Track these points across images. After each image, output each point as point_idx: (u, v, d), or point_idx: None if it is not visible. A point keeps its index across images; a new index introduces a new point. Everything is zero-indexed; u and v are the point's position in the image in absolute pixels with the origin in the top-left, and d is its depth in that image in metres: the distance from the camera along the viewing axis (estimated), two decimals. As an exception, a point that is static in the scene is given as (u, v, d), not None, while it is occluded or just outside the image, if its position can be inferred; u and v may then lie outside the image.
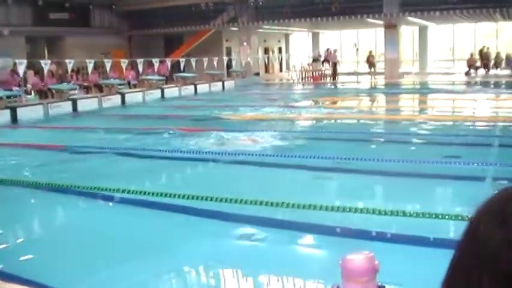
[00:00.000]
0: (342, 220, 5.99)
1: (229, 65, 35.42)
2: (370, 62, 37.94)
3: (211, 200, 6.56)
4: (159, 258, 5.19)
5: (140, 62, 25.51)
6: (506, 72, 34.97)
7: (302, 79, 32.52)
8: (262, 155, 9.61)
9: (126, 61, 25.89)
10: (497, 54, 37.00)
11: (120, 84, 24.70)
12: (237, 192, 6.91)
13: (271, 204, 6.27)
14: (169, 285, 4.89)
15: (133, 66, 26.38)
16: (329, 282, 2.34)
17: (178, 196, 6.90)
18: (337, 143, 10.83)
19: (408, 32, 42.68)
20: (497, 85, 27.96)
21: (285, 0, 32.33)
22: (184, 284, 4.89)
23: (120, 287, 4.71)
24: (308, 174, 8.49)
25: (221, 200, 6.51)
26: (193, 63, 28.34)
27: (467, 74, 34.28)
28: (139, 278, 4.79)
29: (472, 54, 36.41)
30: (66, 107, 19.69)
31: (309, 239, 5.65)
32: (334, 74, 34.21)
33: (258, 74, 36.99)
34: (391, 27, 32.50)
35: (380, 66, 37.20)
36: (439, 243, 5.15)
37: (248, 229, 5.83)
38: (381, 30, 34.76)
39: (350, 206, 6.14)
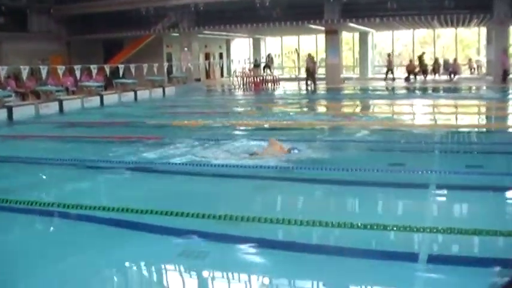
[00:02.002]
0: (286, 232, 5.85)
1: (169, 71, 35.10)
2: (309, 67, 38.15)
3: (150, 213, 6.31)
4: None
5: (78, 68, 24.99)
6: (444, 77, 35.71)
7: (243, 85, 32.41)
8: (205, 164, 9.41)
9: (64, 67, 25.32)
10: (436, 60, 37.75)
11: (58, 91, 24.12)
12: (179, 204, 6.68)
13: (214, 217, 6.06)
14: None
15: (71, 72, 25.80)
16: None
17: (113, 209, 6.61)
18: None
19: (349, 37, 43.22)
20: (436, 90, 28.44)
21: (226, 5, 32.18)
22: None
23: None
24: (250, 184, 8.33)
25: (161, 213, 6.25)
26: (133, 69, 27.92)
27: (406, 79, 34.79)
28: None
29: (411, 61, 36.98)
30: (0, 114, 19.05)
31: (253, 252, 5.47)
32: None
33: (199, 79, 36.77)
34: (332, 33, 32.75)
35: (321, 72, 37.46)
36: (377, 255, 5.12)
37: (191, 244, 5.61)
38: (322, 36, 35.01)
39: (291, 218, 5.97)
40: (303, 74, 39.32)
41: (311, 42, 45.34)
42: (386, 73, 35.61)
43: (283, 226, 5.86)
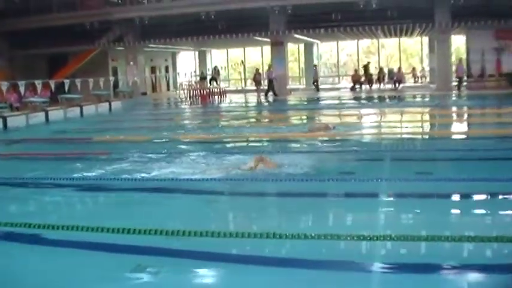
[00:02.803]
0: (239, 246, 5.81)
1: (115, 85, 34.74)
2: (257, 79, 38.19)
3: (96, 230, 6.18)
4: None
5: (22, 83, 24.53)
6: (389, 86, 36.27)
7: (190, 98, 32.27)
8: (154, 179, 9.30)
9: (7, 83, 24.82)
10: (380, 70, 38.33)
11: (1, 107, 23.59)
12: (128, 221, 6.57)
13: (166, 233, 5.96)
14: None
15: (15, 88, 25.28)
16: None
17: (53, 227, 6.44)
18: (224, 162, 10.60)
19: (294, 48, 43.58)
20: (382, 99, 28.84)
21: (171, 18, 32.09)
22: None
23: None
24: (199, 198, 8.26)
25: (107, 231, 6.12)
26: (79, 84, 27.50)
27: (352, 89, 35.21)
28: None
29: (356, 70, 37.45)
30: None
31: (204, 268, 5.42)
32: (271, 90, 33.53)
33: (145, 93, 36.50)
34: (277, 44, 32.95)
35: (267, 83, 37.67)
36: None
37: (142, 260, 5.51)
38: (268, 48, 35.20)
39: (244, 231, 5.92)
40: (250, 86, 39.49)
41: (257, 54, 45.55)
42: (313, 83, 35.84)
43: (236, 240, 5.82)
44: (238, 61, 45.03)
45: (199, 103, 30.50)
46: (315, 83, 35.66)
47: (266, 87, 33.30)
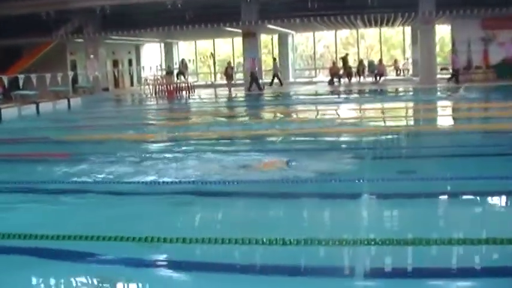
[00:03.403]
0: (202, 252, 5.78)
1: (75, 81, 34.44)
2: (228, 73, 38.13)
3: (62, 238, 6.10)
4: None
5: (-29, 79, 24.27)
6: (370, 80, 36.44)
7: (156, 93, 32.14)
8: (117, 182, 9.22)
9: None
10: (360, 62, 38.47)
11: (-51, 106, 23.33)
12: (92, 227, 6.49)
13: (121, 238, 5.89)
14: None
15: (-36, 84, 25.01)
16: None
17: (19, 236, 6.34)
18: (193, 162, 10.55)
19: (268, 40, 43.59)
20: (362, 93, 28.97)
21: (134, 8, 31.88)
22: None
23: None
24: (164, 201, 8.19)
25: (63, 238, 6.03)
26: (35, 80, 27.23)
27: (330, 83, 35.30)
28: None
29: (334, 63, 37.58)
30: None
31: (175, 275, 5.38)
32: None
33: (107, 89, 36.25)
34: (249, 36, 32.91)
35: (239, 77, 37.64)
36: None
37: (108, 270, 5.46)
38: (239, 39, 35.15)
39: (217, 237, 5.88)
40: (220, 80, 39.48)
41: (227, 46, 45.52)
42: (273, 78, 35.77)
43: (204, 245, 5.78)
44: (208, 54, 44.93)
45: (165, 99, 30.39)
46: (275, 78, 35.54)
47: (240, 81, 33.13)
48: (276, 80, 34.77)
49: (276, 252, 5.48)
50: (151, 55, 45.09)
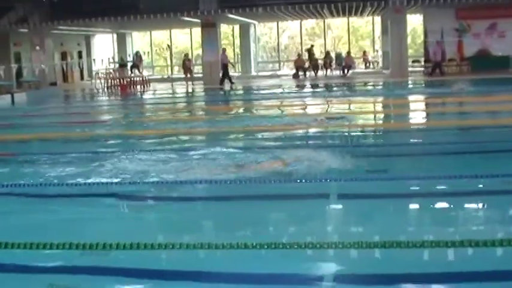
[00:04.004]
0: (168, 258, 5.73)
1: (19, 74, 34.04)
2: (186, 66, 38.02)
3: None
4: None
5: None
6: (337, 73, 36.60)
7: (108, 88, 31.89)
8: (66, 184, 9.11)
9: None
10: (327, 54, 38.54)
11: None
12: (36, 233, 6.40)
13: (82, 246, 5.80)
14: None
15: None
16: None
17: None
18: (145, 163, 10.48)
19: (228, 30, 43.54)
20: (329, 87, 29.04)
21: (84, -4, 31.64)
22: None
23: None
24: (119, 205, 8.14)
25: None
26: (-26, 73, 26.93)
27: (295, 76, 35.38)
28: None
29: (299, 55, 37.67)
30: None
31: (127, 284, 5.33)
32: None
33: (55, 83, 35.84)
34: (209, 26, 32.81)
35: (198, 71, 37.53)
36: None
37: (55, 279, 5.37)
38: (198, 30, 35.06)
39: (174, 242, 5.83)
40: (177, 74, 39.34)
41: (185, 37, 45.38)
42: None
43: (164, 251, 5.73)
44: (164, 45, 44.76)
45: (118, 94, 30.19)
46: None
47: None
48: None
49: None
50: (103, 47, 44.73)
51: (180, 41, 47.95)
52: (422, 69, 33.75)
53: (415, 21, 40.53)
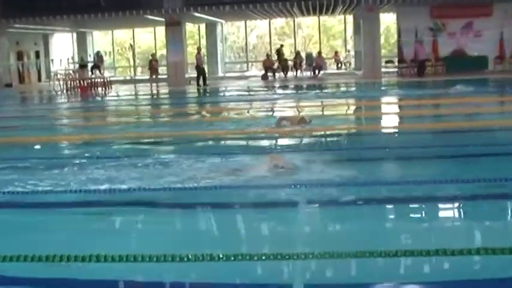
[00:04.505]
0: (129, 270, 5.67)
1: (-29, 75, 33.75)
2: (153, 67, 37.90)
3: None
4: None
5: None
6: (308, 74, 36.67)
7: (67, 90, 31.64)
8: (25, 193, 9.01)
9: None
10: (297, 54, 38.60)
11: None
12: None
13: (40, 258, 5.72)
14: None
15: None
16: None
17: None
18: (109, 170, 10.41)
19: (194, 30, 43.45)
20: (299, 89, 29.02)
21: (41, -8, 31.37)
22: None
23: None
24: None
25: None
26: None
27: (263, 77, 35.37)
28: None
29: (268, 55, 37.71)
30: None
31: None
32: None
33: (10, 85, 35.53)
34: (173, 25, 32.73)
35: (162, 71, 37.39)
36: None
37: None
38: (162, 29, 34.97)
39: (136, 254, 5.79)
40: (140, 75, 39.20)
41: (149, 36, 45.23)
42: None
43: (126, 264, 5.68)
44: (126, 45, 44.56)
45: (78, 96, 29.97)
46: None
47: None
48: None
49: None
50: (61, 46, 44.43)
51: (144, 41, 47.83)
52: (396, 70, 33.96)
53: (388, 20, 40.78)
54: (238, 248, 6.00)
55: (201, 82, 32.19)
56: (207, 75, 33.53)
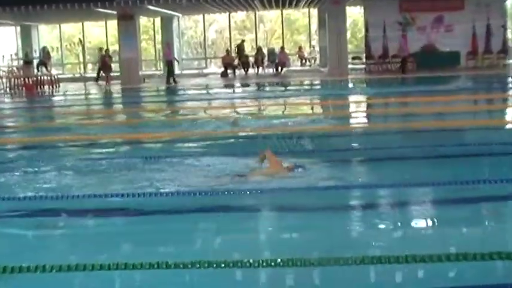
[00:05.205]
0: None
1: None
2: (106, 64, 37.60)
3: None
4: None
5: None
6: (270, 70, 36.68)
7: (11, 88, 31.32)
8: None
9: None
10: (258, 50, 38.56)
11: None
12: None
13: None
14: None
15: None
16: None
17: None
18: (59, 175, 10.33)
19: (149, 24, 43.32)
20: (261, 87, 29.04)
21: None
22: None
23: None
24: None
25: None
26: None
27: (223, 75, 35.32)
28: None
29: (228, 51, 37.66)
30: None
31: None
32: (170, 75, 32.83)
33: None
34: (126, 19, 32.55)
35: (115, 69, 37.19)
36: None
37: None
38: (114, 22, 34.78)
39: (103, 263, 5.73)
40: (91, 72, 38.95)
41: (100, 31, 44.97)
42: (98, 72, 35.86)
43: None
44: (76, 40, 44.26)
45: (23, 95, 29.70)
46: (100, 73, 35.71)
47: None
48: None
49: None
50: (4, 41, 44.00)
51: (94, 36, 47.54)
52: (364, 66, 34.13)
53: (355, 14, 40.98)
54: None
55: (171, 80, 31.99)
56: (156, 72, 33.43)
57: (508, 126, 15.10)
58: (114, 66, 36.39)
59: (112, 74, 34.88)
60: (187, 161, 10.54)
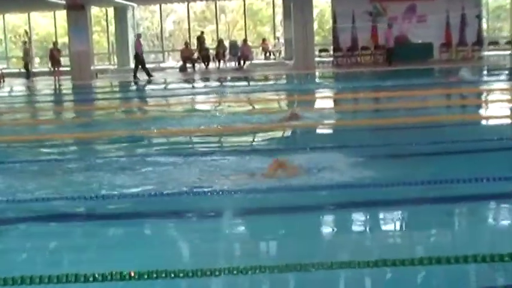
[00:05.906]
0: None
1: None
2: (55, 57, 37.29)
3: None
4: None
5: None
6: (232, 64, 36.66)
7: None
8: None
9: None
10: (220, 43, 38.52)
11: None
12: None
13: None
14: None
15: None
16: None
17: None
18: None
19: (101, 15, 43.12)
20: (223, 82, 29.02)
21: None
22: None
23: None
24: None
25: None
26: None
27: (182, 69, 35.26)
28: None
29: (187, 44, 37.58)
30: None
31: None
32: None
33: None
34: (76, 9, 32.34)
35: (64, 63, 36.99)
36: None
37: None
38: (63, 13, 34.57)
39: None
40: (39, 67, 38.70)
41: (48, 22, 44.69)
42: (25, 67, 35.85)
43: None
44: (21, 32, 43.97)
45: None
46: (27, 67, 35.56)
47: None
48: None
49: None
50: None
51: (42, 27, 47.23)
52: (331, 59, 34.23)
53: (322, 4, 41.08)
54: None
55: (138, 74, 31.65)
56: (110, 66, 33.24)
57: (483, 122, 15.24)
58: (64, 60, 36.12)
59: (62, 69, 34.63)
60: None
